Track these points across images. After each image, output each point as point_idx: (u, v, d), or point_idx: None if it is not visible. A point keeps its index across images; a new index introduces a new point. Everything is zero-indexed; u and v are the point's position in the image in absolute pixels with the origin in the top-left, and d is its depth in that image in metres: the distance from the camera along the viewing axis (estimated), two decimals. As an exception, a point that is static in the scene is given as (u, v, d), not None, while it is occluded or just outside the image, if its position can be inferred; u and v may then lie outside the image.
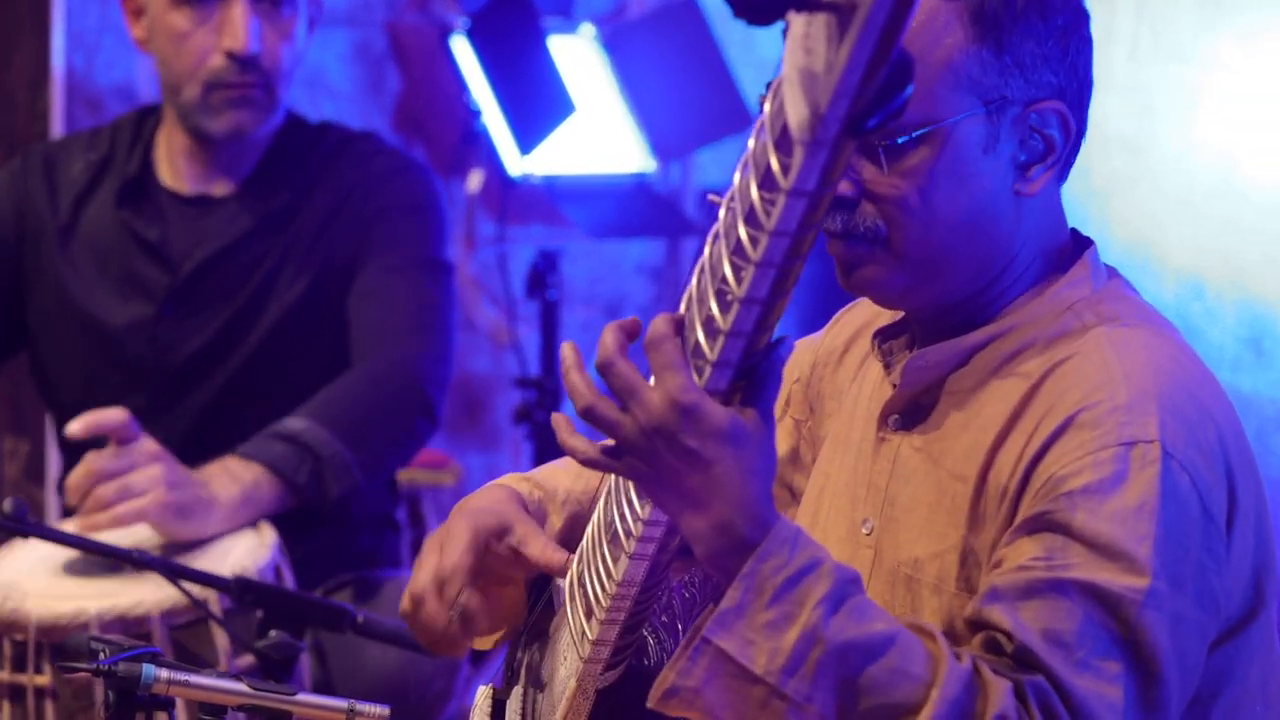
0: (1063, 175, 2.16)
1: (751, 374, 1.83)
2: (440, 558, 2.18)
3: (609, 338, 1.87)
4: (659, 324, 1.83)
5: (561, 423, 1.91)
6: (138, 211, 3.57)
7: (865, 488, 2.20)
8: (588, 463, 1.89)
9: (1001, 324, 2.12)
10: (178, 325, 3.54)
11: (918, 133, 2.03)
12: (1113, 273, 2.18)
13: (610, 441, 1.87)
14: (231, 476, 3.26)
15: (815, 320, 2.47)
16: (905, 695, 1.87)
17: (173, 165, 3.59)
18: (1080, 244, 2.18)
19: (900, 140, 2.03)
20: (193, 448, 3.45)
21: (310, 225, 3.55)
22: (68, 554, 3.14)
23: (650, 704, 1.91)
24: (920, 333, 2.19)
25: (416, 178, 3.66)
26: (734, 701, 1.87)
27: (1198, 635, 1.98)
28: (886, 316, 2.26)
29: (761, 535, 1.86)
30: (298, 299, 3.53)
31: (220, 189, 3.58)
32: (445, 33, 5.41)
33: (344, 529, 3.58)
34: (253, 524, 3.27)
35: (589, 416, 1.86)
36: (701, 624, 1.88)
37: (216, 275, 3.54)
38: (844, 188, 2.06)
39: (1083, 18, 2.12)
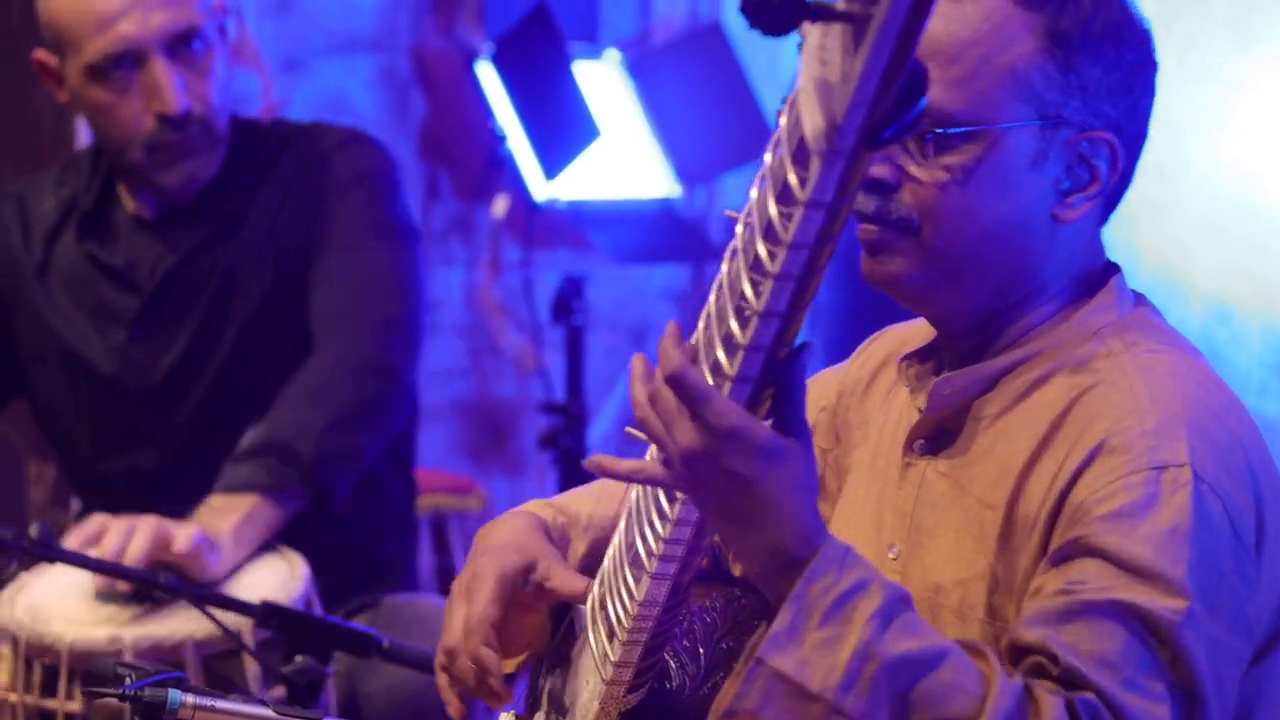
0: (1105, 213, 2.16)
1: (778, 384, 1.82)
2: (468, 607, 2.19)
3: (670, 346, 1.85)
4: (672, 355, 1.82)
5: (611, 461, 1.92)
6: (100, 242, 3.57)
7: (891, 513, 2.20)
8: (648, 480, 1.90)
9: (1028, 348, 2.12)
10: (149, 345, 3.53)
11: (970, 129, 2.04)
12: (1140, 299, 2.18)
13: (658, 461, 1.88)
14: (211, 510, 3.24)
15: (841, 346, 2.47)
16: (958, 709, 1.86)
17: (134, 195, 3.58)
18: (1108, 270, 2.18)
19: (951, 131, 2.04)
20: (188, 462, 3.48)
21: (260, 222, 3.53)
22: (96, 580, 3.14)
23: None
24: (948, 356, 2.19)
25: (358, 149, 3.61)
26: None
27: (1234, 660, 1.98)
28: (913, 343, 2.26)
29: (809, 554, 1.86)
30: (261, 298, 3.51)
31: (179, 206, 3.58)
32: (470, 58, 5.42)
33: (364, 530, 3.58)
34: (270, 548, 3.27)
35: (645, 426, 1.86)
36: (755, 645, 1.88)
37: (177, 289, 3.53)
38: (884, 172, 2.07)
39: (1151, 64, 2.13)
